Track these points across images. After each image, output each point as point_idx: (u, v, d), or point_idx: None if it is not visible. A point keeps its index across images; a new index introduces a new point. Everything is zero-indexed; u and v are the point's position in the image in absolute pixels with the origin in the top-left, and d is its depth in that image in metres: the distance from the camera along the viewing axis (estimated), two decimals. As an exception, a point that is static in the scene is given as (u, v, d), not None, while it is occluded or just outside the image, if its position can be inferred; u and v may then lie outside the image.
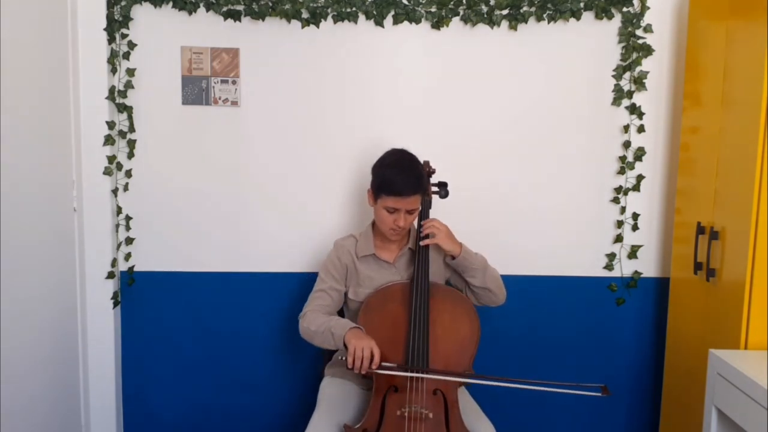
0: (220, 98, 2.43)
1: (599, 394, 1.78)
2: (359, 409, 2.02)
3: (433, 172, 2.22)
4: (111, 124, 2.38)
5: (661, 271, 2.53)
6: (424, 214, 2.13)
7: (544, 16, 2.39)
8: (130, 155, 2.44)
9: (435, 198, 2.21)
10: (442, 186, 2.23)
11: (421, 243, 2.04)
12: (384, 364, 1.81)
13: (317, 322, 1.96)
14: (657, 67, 2.43)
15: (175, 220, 2.48)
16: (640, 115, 2.44)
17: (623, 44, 2.41)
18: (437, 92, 2.45)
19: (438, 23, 2.39)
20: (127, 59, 2.39)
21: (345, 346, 1.83)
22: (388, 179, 1.97)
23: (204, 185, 2.47)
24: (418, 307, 1.95)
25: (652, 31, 2.40)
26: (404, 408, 1.86)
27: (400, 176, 1.96)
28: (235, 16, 2.37)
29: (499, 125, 2.47)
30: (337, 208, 2.50)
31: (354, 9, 2.37)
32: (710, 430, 1.80)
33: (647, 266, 2.53)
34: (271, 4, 2.35)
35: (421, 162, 2.16)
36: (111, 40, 2.36)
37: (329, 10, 2.37)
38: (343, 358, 1.81)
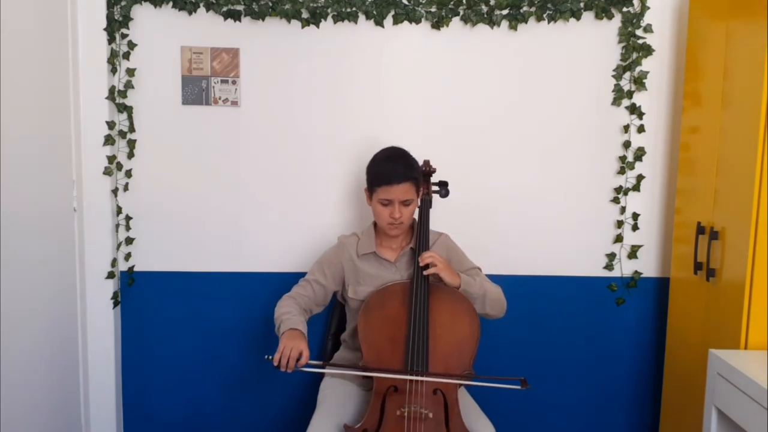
0: (220, 98, 2.43)
1: (519, 387, 1.81)
2: (359, 409, 2.02)
3: (434, 171, 2.23)
4: (111, 124, 2.38)
5: (661, 271, 2.53)
6: (424, 215, 2.13)
7: (544, 16, 2.39)
8: (130, 155, 2.44)
9: (435, 198, 2.21)
10: (443, 185, 2.23)
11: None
12: (311, 362, 1.85)
13: (283, 309, 2.02)
14: (657, 67, 2.43)
15: (175, 220, 2.48)
16: (640, 115, 2.44)
17: (623, 44, 2.41)
18: (437, 92, 2.45)
19: (438, 23, 2.39)
20: (127, 59, 2.39)
21: None
22: (379, 171, 2.04)
23: (204, 185, 2.47)
24: (417, 306, 1.95)
25: (652, 31, 2.40)
26: (404, 408, 1.86)
27: (390, 166, 2.03)
28: (235, 16, 2.37)
29: (499, 125, 2.47)
30: (338, 208, 2.50)
31: (354, 9, 2.37)
32: (710, 430, 1.80)
33: (647, 266, 2.53)
34: (271, 4, 2.35)
35: (422, 161, 2.16)
36: (111, 40, 2.36)
37: (329, 10, 2.37)
38: (270, 357, 1.83)
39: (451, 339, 1.97)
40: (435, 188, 2.22)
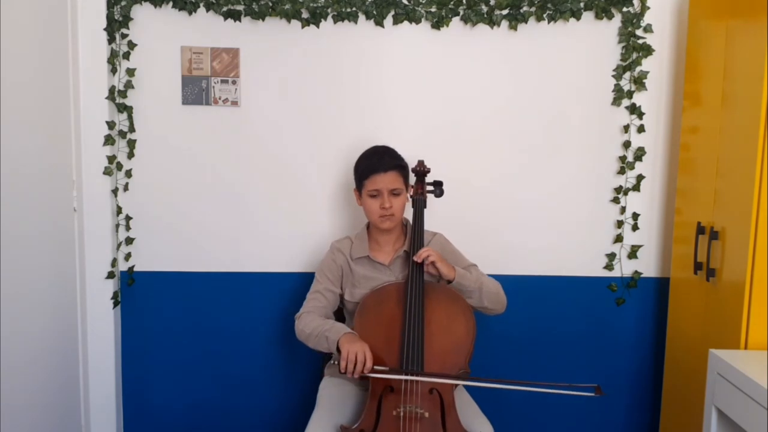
0: (220, 98, 2.43)
1: (592, 394, 1.80)
2: (357, 409, 2.02)
3: (428, 171, 2.22)
4: (111, 124, 2.38)
5: (661, 271, 2.53)
6: (418, 215, 2.13)
7: (544, 16, 2.39)
8: (130, 155, 2.44)
9: (431, 198, 2.21)
10: (437, 185, 2.23)
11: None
12: (377, 367, 1.83)
13: (312, 324, 1.99)
14: (657, 67, 2.43)
15: (175, 220, 2.48)
16: (640, 115, 2.44)
17: (623, 44, 2.41)
18: (437, 92, 2.45)
19: (438, 23, 2.39)
20: (127, 59, 2.39)
21: (339, 350, 1.85)
22: (365, 164, 2.08)
23: (204, 185, 2.47)
24: (412, 305, 1.95)
25: (652, 31, 2.40)
26: (400, 408, 1.86)
27: (375, 157, 2.07)
28: (235, 16, 2.37)
29: (500, 125, 2.47)
30: (336, 208, 2.50)
31: (354, 9, 2.37)
32: (710, 430, 1.80)
33: (647, 266, 2.53)
34: (271, 4, 2.35)
35: (416, 161, 2.16)
36: (111, 40, 2.36)
37: (329, 10, 2.37)
38: (336, 362, 1.81)
39: (447, 338, 1.97)
40: (429, 188, 2.22)
